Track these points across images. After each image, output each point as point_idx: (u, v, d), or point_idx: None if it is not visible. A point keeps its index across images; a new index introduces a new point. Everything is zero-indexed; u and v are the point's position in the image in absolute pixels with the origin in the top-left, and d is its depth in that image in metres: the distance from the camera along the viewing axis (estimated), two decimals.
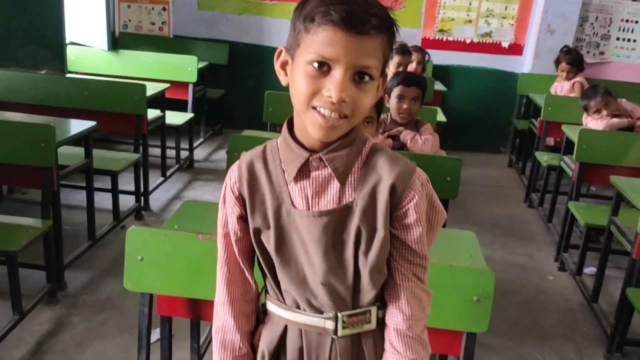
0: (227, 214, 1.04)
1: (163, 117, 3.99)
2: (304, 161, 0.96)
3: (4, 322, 2.30)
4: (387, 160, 0.98)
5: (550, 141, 4.41)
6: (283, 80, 0.97)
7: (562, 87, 4.60)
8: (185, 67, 4.49)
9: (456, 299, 1.47)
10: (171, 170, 4.29)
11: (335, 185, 0.97)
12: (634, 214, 2.39)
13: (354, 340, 1.03)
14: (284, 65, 0.97)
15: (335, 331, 1.01)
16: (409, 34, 5.05)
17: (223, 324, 1.08)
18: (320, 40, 0.88)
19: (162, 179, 4.12)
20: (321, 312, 1.01)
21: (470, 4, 5.20)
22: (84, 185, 3.06)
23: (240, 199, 1.02)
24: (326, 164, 0.96)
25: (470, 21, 5.24)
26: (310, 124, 0.92)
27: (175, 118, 4.28)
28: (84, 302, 2.63)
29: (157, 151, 4.12)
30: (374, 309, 1.02)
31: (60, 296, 2.63)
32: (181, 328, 2.12)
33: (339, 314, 1.01)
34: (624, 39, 5.21)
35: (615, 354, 2.50)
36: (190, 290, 1.55)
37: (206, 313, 1.58)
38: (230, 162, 2.17)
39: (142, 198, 3.65)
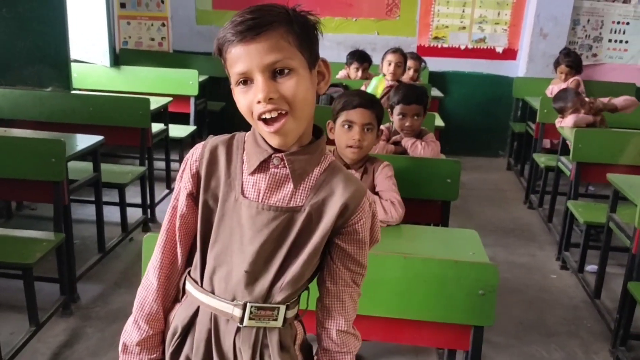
0: (180, 188, 1.12)
1: (167, 131, 4.05)
2: (267, 157, 1.05)
3: (21, 334, 2.36)
4: (342, 179, 1.08)
5: (546, 143, 4.47)
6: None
7: (558, 88, 4.64)
8: (186, 81, 4.55)
9: (462, 294, 1.53)
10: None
11: (289, 186, 1.06)
12: (632, 210, 2.45)
13: (259, 334, 1.08)
14: None
15: (242, 320, 1.06)
16: (404, 42, 5.11)
17: (148, 286, 1.15)
18: (231, 62, 1.00)
19: (167, 190, 4.19)
20: (233, 299, 1.07)
21: (463, 11, 5.29)
22: (92, 199, 3.11)
23: (196, 176, 1.10)
24: (286, 164, 1.04)
25: (464, 28, 5.33)
26: (265, 135, 1.03)
27: (178, 131, 4.34)
28: (97, 313, 2.68)
29: (161, 164, 4.20)
30: (282, 307, 1.08)
31: (73, 308, 2.68)
32: None
33: (248, 304, 1.06)
34: (615, 41, 5.29)
35: (620, 348, 2.54)
36: None
37: None
38: None
39: (149, 210, 3.70)
